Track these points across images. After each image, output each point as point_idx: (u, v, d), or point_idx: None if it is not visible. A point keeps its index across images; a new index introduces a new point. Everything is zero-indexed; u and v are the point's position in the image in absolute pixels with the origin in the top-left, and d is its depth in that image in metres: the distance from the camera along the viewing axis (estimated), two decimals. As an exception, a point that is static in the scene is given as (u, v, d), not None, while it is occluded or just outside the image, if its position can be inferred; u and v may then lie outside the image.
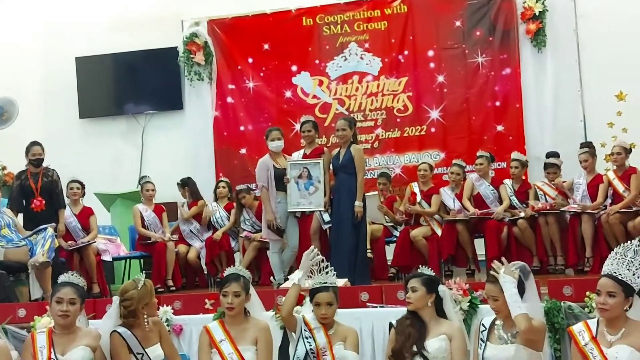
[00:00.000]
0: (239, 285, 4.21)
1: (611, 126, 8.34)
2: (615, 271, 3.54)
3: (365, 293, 5.15)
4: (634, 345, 3.47)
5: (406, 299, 4.09)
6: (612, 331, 3.55)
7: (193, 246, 7.84)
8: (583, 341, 3.60)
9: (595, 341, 3.57)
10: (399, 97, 9.13)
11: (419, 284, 4.09)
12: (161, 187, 8.05)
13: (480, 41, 8.94)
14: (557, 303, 4.52)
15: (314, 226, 6.95)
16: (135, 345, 4.09)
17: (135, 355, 4.10)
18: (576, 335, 3.66)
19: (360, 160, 6.50)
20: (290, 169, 6.83)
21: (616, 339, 3.52)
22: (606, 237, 6.56)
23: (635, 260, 3.53)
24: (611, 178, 6.87)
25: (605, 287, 3.53)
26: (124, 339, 4.08)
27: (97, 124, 9.91)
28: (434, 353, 3.95)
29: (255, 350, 4.16)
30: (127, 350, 4.08)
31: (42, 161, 7.07)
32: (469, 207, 7.20)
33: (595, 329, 3.62)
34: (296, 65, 9.45)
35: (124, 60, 9.82)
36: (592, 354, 3.54)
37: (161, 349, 4.21)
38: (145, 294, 4.13)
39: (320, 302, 4.19)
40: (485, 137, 8.85)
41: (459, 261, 7.21)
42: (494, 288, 3.80)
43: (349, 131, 6.59)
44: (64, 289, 4.19)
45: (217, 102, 9.60)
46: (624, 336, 3.51)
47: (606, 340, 3.55)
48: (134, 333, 4.10)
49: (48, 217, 6.83)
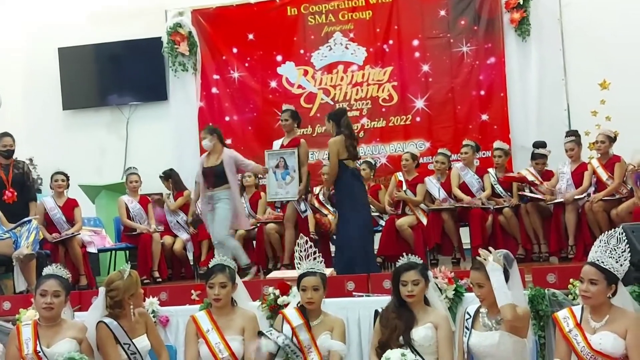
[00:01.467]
0: (224, 276, 4.22)
1: (595, 115, 8.40)
2: (599, 259, 3.59)
3: (352, 282, 5.16)
4: (617, 332, 3.51)
5: (407, 292, 4.05)
6: (596, 318, 3.59)
7: (179, 237, 7.82)
8: (567, 327, 3.64)
9: (579, 327, 3.61)
10: (384, 87, 9.14)
11: (419, 276, 4.09)
12: (146, 178, 8.01)
13: (465, 30, 8.96)
14: (541, 290, 4.55)
15: (288, 213, 7.10)
16: (122, 335, 4.09)
17: (122, 346, 4.10)
18: (561, 321, 3.70)
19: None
20: (268, 159, 6.94)
21: (600, 326, 3.56)
22: (589, 225, 6.60)
23: (618, 248, 3.57)
24: (595, 166, 6.91)
25: (588, 274, 3.57)
26: (110, 330, 4.08)
27: (81, 115, 9.84)
28: (420, 341, 3.97)
29: (242, 340, 4.18)
30: (113, 341, 4.08)
31: (13, 152, 6.99)
32: (460, 195, 7.23)
33: (580, 316, 3.66)
34: (281, 55, 9.43)
35: (108, 51, 9.74)
36: (576, 340, 3.58)
37: (148, 340, 4.22)
38: (131, 284, 4.13)
39: (306, 287, 4.19)
40: (470, 126, 8.89)
41: (445, 250, 7.25)
42: (479, 275, 3.80)
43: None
44: (48, 281, 4.18)
45: (202, 93, 9.57)
46: (608, 323, 3.55)
47: (590, 327, 3.59)
48: (120, 324, 4.10)
49: (21, 209, 6.76)
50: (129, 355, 4.12)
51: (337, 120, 6.52)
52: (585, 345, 3.54)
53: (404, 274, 4.10)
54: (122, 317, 4.14)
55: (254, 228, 7.54)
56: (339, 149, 6.33)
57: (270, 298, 4.91)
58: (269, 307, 4.87)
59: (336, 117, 6.58)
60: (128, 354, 4.12)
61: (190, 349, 4.22)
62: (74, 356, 3.89)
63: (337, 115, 6.64)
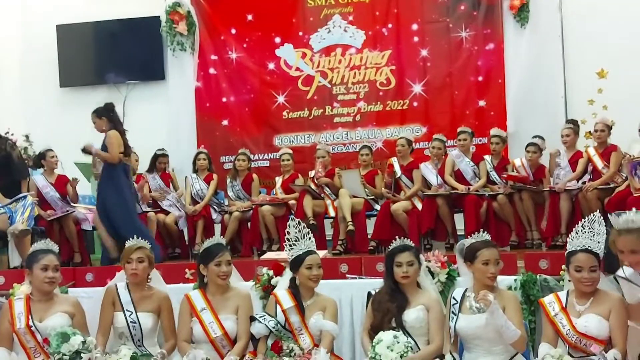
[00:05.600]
0: (230, 254, 4.37)
1: (592, 103, 8.41)
2: (590, 246, 3.68)
3: (345, 264, 5.21)
4: (602, 314, 3.61)
5: (402, 274, 4.10)
6: (581, 302, 3.70)
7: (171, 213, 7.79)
8: (553, 312, 3.75)
9: (565, 311, 3.71)
10: (382, 71, 9.12)
11: (414, 257, 4.15)
12: (142, 157, 8.02)
13: (464, 15, 8.92)
14: (533, 276, 4.59)
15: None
16: (127, 302, 4.23)
17: (124, 312, 4.22)
18: (546, 306, 3.80)
19: (109, 144, 6.42)
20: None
21: (585, 309, 3.67)
22: (583, 212, 6.61)
23: (601, 231, 3.71)
24: (591, 154, 6.94)
25: (588, 263, 3.67)
26: (117, 292, 4.27)
27: (78, 93, 9.79)
28: (412, 323, 4.02)
29: (236, 319, 4.22)
30: (112, 307, 4.28)
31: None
32: (452, 183, 7.24)
33: (565, 300, 3.76)
34: (279, 36, 9.38)
35: (106, 29, 9.69)
36: (561, 323, 3.68)
37: (153, 319, 4.29)
38: (125, 251, 4.38)
39: (312, 264, 4.23)
40: (467, 112, 8.88)
41: (438, 235, 7.26)
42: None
43: (98, 121, 6.53)
44: (48, 255, 4.23)
45: (200, 73, 9.53)
46: (592, 305, 3.66)
47: (575, 311, 3.70)
48: (130, 291, 4.27)
49: (7, 188, 6.73)
50: (128, 322, 4.19)
51: (108, 115, 6.49)
52: (571, 328, 3.64)
53: (399, 255, 4.14)
54: (136, 289, 4.33)
55: (249, 210, 7.56)
56: (120, 143, 6.40)
57: (264, 278, 4.94)
58: (263, 287, 4.90)
59: (107, 112, 6.52)
60: (128, 321, 4.18)
61: (183, 327, 4.26)
62: (66, 331, 3.92)
63: (107, 110, 6.55)
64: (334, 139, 9.16)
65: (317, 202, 7.34)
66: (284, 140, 9.28)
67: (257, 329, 4.16)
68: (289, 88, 9.32)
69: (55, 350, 3.84)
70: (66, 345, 3.83)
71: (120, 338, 4.27)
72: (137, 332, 4.22)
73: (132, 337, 4.22)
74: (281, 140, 9.30)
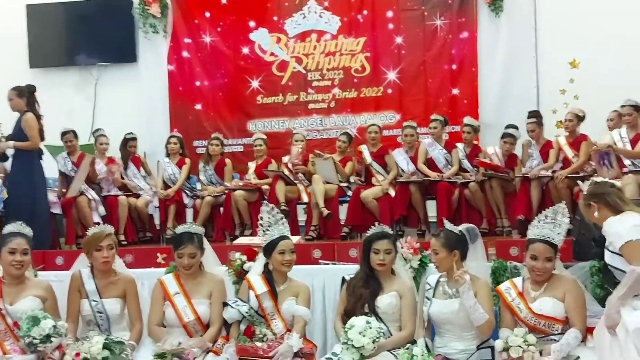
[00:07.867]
0: (193, 246, 4.25)
1: (563, 93, 8.50)
2: (548, 236, 3.80)
3: (318, 250, 5.23)
4: (556, 296, 3.79)
5: (378, 261, 4.14)
6: (535, 287, 3.86)
7: (143, 196, 7.74)
8: (510, 297, 3.90)
9: (521, 296, 3.87)
10: (357, 57, 9.12)
11: (391, 246, 4.19)
12: (114, 140, 7.94)
13: (439, 4, 8.93)
14: (504, 263, 4.68)
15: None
16: (93, 291, 4.18)
17: (89, 302, 4.17)
18: (503, 292, 3.95)
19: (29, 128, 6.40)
20: None
21: (539, 294, 3.83)
22: (553, 201, 6.70)
23: (563, 222, 3.87)
24: (562, 144, 7.03)
25: (543, 253, 3.82)
26: (81, 280, 4.21)
27: (48, 74, 9.62)
28: (384, 309, 4.06)
29: (209, 303, 4.21)
30: (78, 293, 4.22)
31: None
32: (425, 171, 7.27)
33: (521, 286, 3.92)
34: (254, 21, 9.32)
35: (77, 9, 9.53)
36: (519, 308, 3.84)
37: (120, 304, 4.25)
38: (91, 238, 4.27)
39: (284, 250, 4.23)
40: (440, 100, 8.92)
41: (411, 221, 7.30)
42: (435, 242, 3.95)
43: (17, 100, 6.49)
44: (16, 239, 4.16)
45: (172, 56, 9.42)
46: (546, 290, 3.83)
47: (531, 297, 3.84)
48: (95, 278, 4.21)
49: None
50: (94, 312, 4.15)
51: (28, 97, 6.47)
52: (528, 311, 3.80)
53: (377, 242, 4.17)
54: (102, 276, 4.25)
55: (222, 195, 7.53)
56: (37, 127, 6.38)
57: (236, 264, 4.94)
58: (235, 272, 4.91)
59: (28, 93, 6.48)
60: (94, 310, 4.15)
61: (155, 311, 4.24)
62: (37, 314, 3.88)
63: (29, 92, 6.51)
64: (309, 125, 9.13)
65: (290, 188, 7.33)
66: (258, 126, 9.24)
67: (230, 314, 4.16)
68: (263, 73, 9.27)
69: (25, 334, 3.80)
70: (37, 329, 3.79)
71: (88, 325, 4.23)
72: (104, 321, 4.18)
73: (99, 327, 4.18)
74: (255, 126, 9.26)
